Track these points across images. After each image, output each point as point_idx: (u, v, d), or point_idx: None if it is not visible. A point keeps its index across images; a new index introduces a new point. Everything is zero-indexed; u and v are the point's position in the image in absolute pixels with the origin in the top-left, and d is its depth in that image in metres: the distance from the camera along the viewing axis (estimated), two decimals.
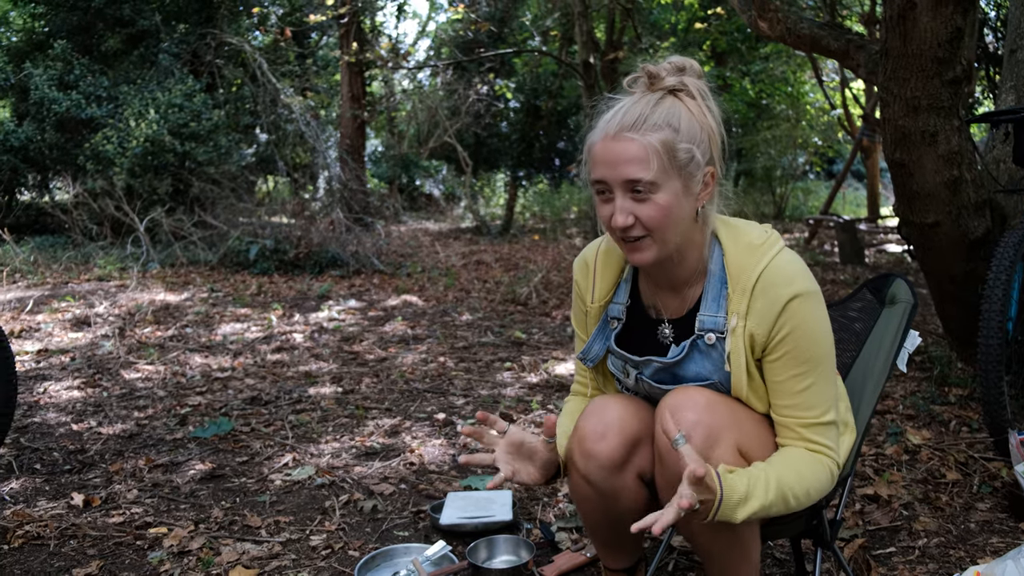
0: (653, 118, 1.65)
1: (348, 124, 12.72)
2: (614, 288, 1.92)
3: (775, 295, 1.69)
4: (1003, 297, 3.08)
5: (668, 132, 1.65)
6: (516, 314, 6.63)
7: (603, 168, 1.67)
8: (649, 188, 1.64)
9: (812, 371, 1.71)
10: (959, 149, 3.41)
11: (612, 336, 1.90)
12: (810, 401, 1.72)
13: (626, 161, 1.64)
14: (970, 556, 2.43)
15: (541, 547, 2.56)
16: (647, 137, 1.64)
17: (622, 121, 1.67)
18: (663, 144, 1.64)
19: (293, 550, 2.57)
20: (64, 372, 4.69)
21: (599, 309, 1.93)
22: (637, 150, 1.63)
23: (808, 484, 1.68)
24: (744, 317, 1.71)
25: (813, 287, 1.72)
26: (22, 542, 2.59)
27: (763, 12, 4.85)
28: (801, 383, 1.71)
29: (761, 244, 1.75)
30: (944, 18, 3.08)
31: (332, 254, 9.02)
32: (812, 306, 1.70)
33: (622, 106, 1.70)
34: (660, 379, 1.83)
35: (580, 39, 11.41)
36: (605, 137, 1.68)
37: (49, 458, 3.35)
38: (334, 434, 3.66)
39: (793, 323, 1.69)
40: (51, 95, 10.56)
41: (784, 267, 1.72)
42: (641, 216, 1.66)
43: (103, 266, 8.69)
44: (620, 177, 1.65)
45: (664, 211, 1.66)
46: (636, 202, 1.66)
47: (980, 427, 3.47)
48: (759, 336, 1.71)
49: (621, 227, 1.67)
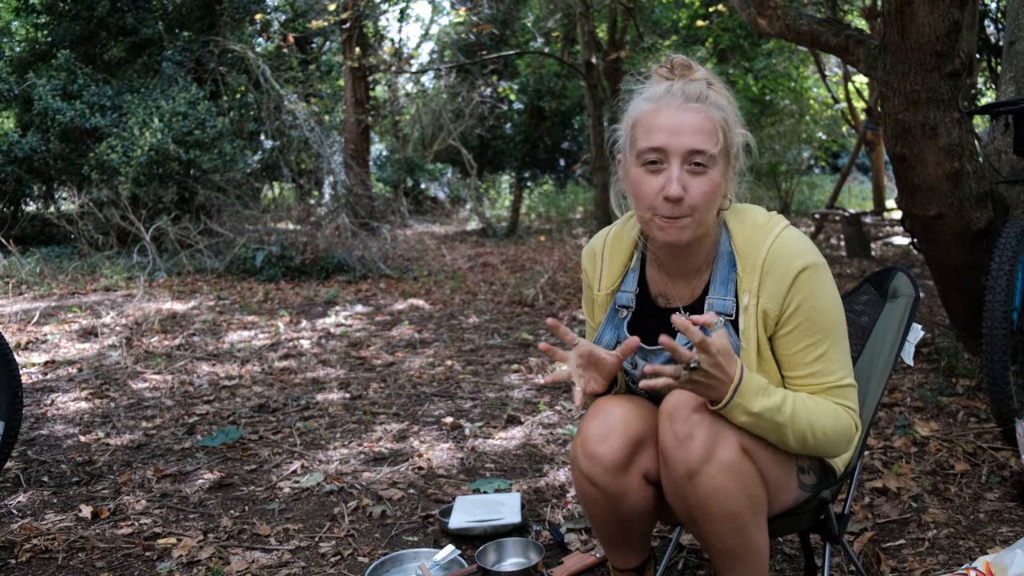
0: (712, 98, 1.69)
1: (352, 129, 12.73)
2: (622, 276, 1.93)
3: (784, 268, 1.71)
4: (1006, 287, 3.09)
5: (726, 114, 1.69)
6: (523, 316, 6.63)
7: (664, 135, 1.66)
8: (708, 162, 1.66)
9: (825, 339, 1.73)
10: (960, 141, 3.41)
11: (624, 325, 1.91)
12: (827, 368, 1.74)
13: (693, 130, 1.65)
14: (980, 546, 2.43)
15: (550, 549, 2.56)
16: (711, 111, 1.67)
17: (686, 92, 1.68)
18: (724, 121, 1.68)
19: (303, 557, 2.58)
20: (71, 383, 4.71)
21: (606, 297, 1.95)
22: (703, 121, 1.66)
23: (827, 425, 1.69)
24: (756, 295, 1.73)
25: (820, 259, 1.75)
26: (30, 556, 2.60)
27: (762, 9, 4.84)
28: (815, 351, 1.73)
29: (766, 223, 1.78)
30: (942, 12, 3.08)
31: (338, 259, 9.04)
32: (821, 277, 1.73)
33: (672, 84, 1.71)
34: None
35: (582, 39, 11.40)
36: (668, 106, 1.67)
37: (57, 470, 3.37)
38: (342, 440, 3.67)
39: (803, 294, 1.71)
40: (55, 105, 10.60)
41: (791, 242, 1.74)
42: (693, 191, 1.66)
43: (109, 276, 8.72)
44: (685, 146, 1.65)
45: (714, 188, 1.68)
46: (691, 175, 1.66)
47: (988, 417, 3.46)
48: (772, 311, 1.73)
49: (675, 197, 1.65)
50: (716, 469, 1.63)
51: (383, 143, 19.96)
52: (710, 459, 1.63)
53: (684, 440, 1.64)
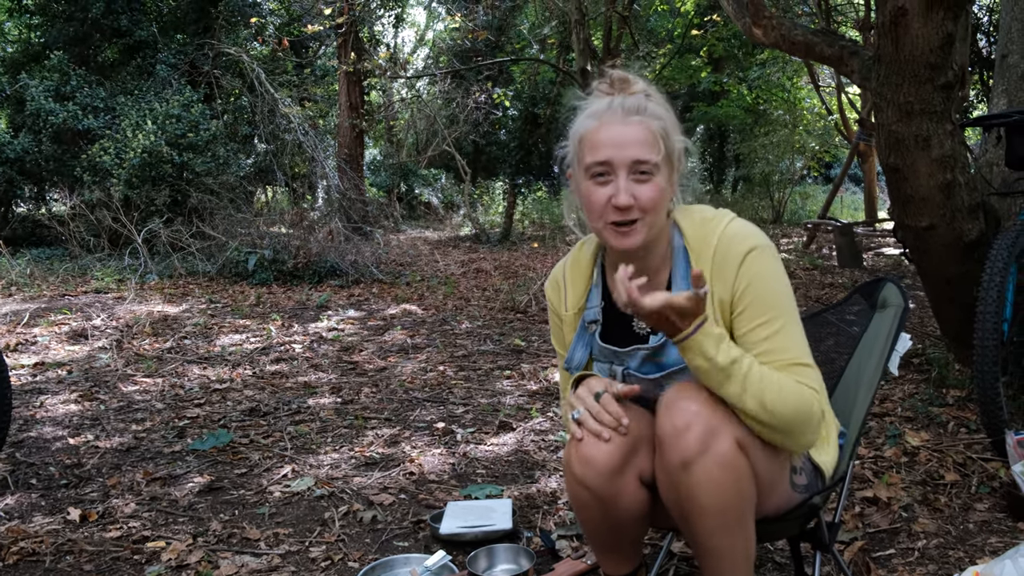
0: (651, 109, 1.77)
1: (346, 133, 12.74)
2: (585, 295, 1.99)
3: (732, 253, 1.78)
4: (998, 299, 3.10)
5: (664, 123, 1.77)
6: (515, 322, 6.64)
7: (610, 149, 1.74)
8: (652, 169, 1.73)
9: (777, 318, 1.77)
10: (952, 153, 3.42)
11: (595, 339, 1.95)
12: (783, 344, 1.76)
13: (636, 142, 1.73)
14: (969, 556, 2.43)
15: (541, 555, 2.56)
16: (651, 123, 1.75)
17: (625, 106, 1.77)
18: (664, 131, 1.76)
19: (292, 562, 2.57)
20: (61, 385, 4.69)
21: (574, 317, 2.00)
22: (645, 133, 1.74)
23: (786, 396, 1.69)
24: (710, 283, 1.78)
25: (766, 242, 1.81)
26: (17, 559, 2.58)
27: (757, 19, 4.86)
28: (768, 329, 1.76)
29: (714, 217, 1.85)
30: (935, 24, 3.09)
31: (331, 264, 9.02)
32: (768, 257, 1.79)
33: (613, 99, 1.80)
34: (646, 370, 1.88)
35: (577, 47, 11.43)
36: (610, 121, 1.76)
37: (45, 473, 3.35)
38: (333, 445, 3.66)
39: (751, 274, 1.77)
40: (48, 106, 10.58)
41: (737, 229, 1.81)
42: (641, 197, 1.74)
43: (100, 278, 8.69)
44: (629, 157, 1.73)
45: (660, 193, 1.75)
46: (637, 183, 1.74)
47: (978, 428, 3.47)
48: (725, 297, 1.78)
49: (623, 206, 1.73)
50: (711, 461, 1.65)
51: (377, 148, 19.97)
52: (706, 451, 1.65)
53: (682, 430, 1.66)
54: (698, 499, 1.68)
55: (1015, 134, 3.54)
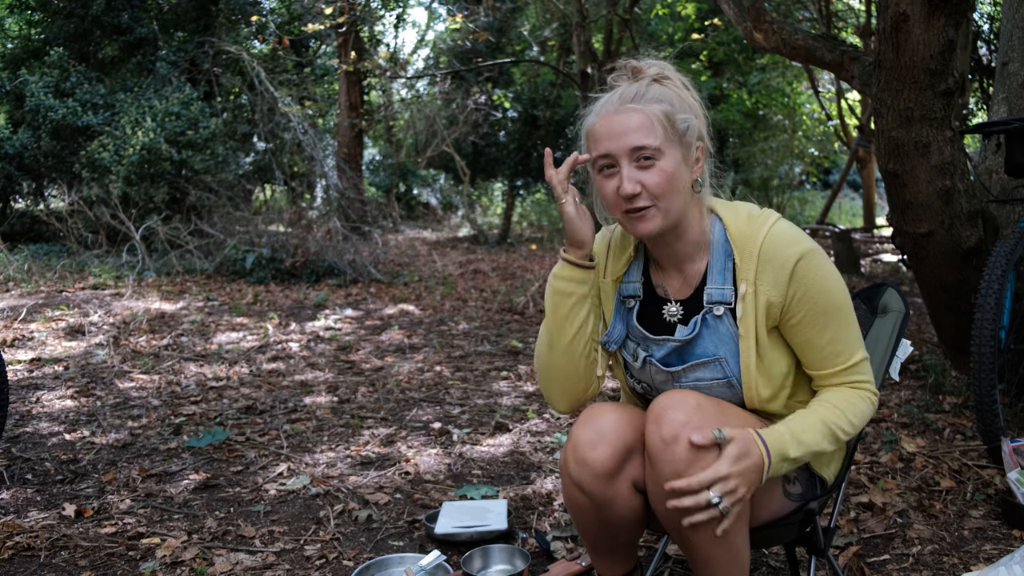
0: (650, 94, 1.77)
1: (346, 133, 12.73)
2: (626, 267, 1.97)
3: (782, 258, 1.77)
4: (996, 306, 3.10)
5: (665, 105, 1.76)
6: (513, 323, 6.63)
7: (608, 141, 1.75)
8: (655, 154, 1.73)
9: (832, 322, 1.79)
10: (952, 160, 3.43)
11: (632, 316, 1.94)
12: (837, 349, 1.81)
13: (632, 130, 1.73)
14: (963, 563, 2.44)
15: (536, 556, 2.56)
16: (649, 107, 1.75)
17: (622, 97, 1.77)
18: (664, 113, 1.75)
19: (287, 560, 2.56)
20: (57, 381, 4.68)
21: (612, 284, 1.98)
22: (642, 119, 1.73)
23: (850, 416, 1.79)
24: (754, 283, 1.78)
25: (815, 245, 1.81)
26: (12, 553, 2.58)
27: (758, 23, 4.87)
28: (826, 334, 1.79)
29: (760, 214, 1.84)
30: (936, 30, 3.10)
31: (329, 263, 9.02)
32: (818, 262, 1.79)
33: (616, 90, 1.81)
34: (668, 361, 1.88)
35: (578, 49, 11.43)
36: (607, 113, 1.77)
37: (41, 468, 3.34)
38: (329, 443, 3.66)
39: (805, 283, 1.77)
40: (47, 102, 10.56)
41: (785, 231, 1.80)
42: (647, 183, 1.73)
43: (98, 275, 8.68)
44: (627, 146, 1.73)
45: (668, 177, 1.74)
46: (642, 170, 1.74)
47: (974, 435, 3.47)
48: (776, 301, 1.78)
49: (629, 194, 1.73)
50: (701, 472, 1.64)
51: (376, 148, 19.96)
52: (696, 461, 1.64)
53: (670, 442, 1.65)
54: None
55: (1015, 141, 3.54)
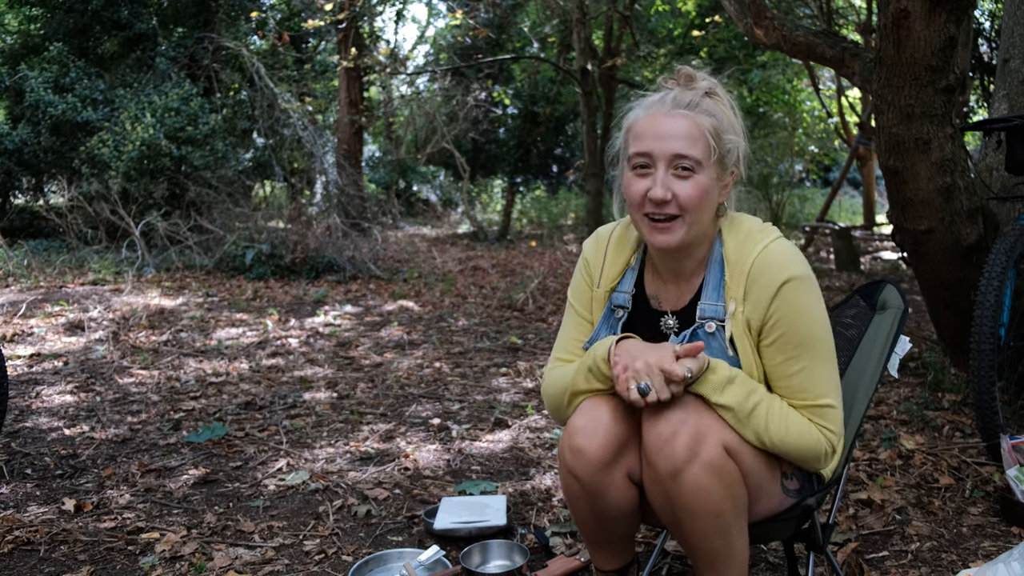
0: (704, 105, 1.74)
1: (346, 129, 12.71)
2: (621, 275, 1.96)
3: (769, 280, 1.74)
4: (995, 303, 3.10)
5: (716, 120, 1.74)
6: (512, 320, 6.63)
7: (651, 140, 1.73)
8: (694, 166, 1.71)
9: (804, 355, 1.75)
10: (952, 156, 3.43)
11: (619, 326, 1.93)
12: (804, 384, 1.76)
13: (678, 136, 1.71)
14: (962, 560, 2.44)
15: (535, 552, 2.56)
16: (700, 118, 1.72)
17: (675, 100, 1.75)
18: (713, 128, 1.73)
19: (286, 555, 2.57)
20: (57, 376, 4.68)
21: (604, 295, 1.96)
22: (690, 127, 1.71)
23: (789, 437, 1.73)
24: (741, 302, 1.76)
25: (806, 272, 1.77)
26: (12, 548, 2.58)
27: (759, 20, 4.86)
28: (796, 365, 1.75)
29: (758, 232, 1.82)
30: (937, 27, 3.09)
31: (329, 259, 9.01)
32: (805, 290, 1.75)
33: (669, 91, 1.78)
34: None
35: (578, 46, 11.42)
36: (656, 113, 1.74)
37: (40, 463, 3.34)
38: (329, 439, 3.66)
39: (786, 307, 1.73)
40: (47, 98, 10.55)
41: (778, 253, 1.77)
42: (679, 194, 1.71)
43: (98, 270, 8.68)
44: (669, 150, 1.71)
45: (702, 192, 1.72)
46: (677, 179, 1.72)
47: (973, 432, 3.48)
48: (754, 321, 1.76)
49: (659, 199, 1.71)
50: (699, 468, 1.65)
51: (376, 144, 19.93)
52: (694, 458, 1.64)
53: (668, 439, 1.66)
54: (690, 506, 1.68)
55: (1015, 139, 3.54)
